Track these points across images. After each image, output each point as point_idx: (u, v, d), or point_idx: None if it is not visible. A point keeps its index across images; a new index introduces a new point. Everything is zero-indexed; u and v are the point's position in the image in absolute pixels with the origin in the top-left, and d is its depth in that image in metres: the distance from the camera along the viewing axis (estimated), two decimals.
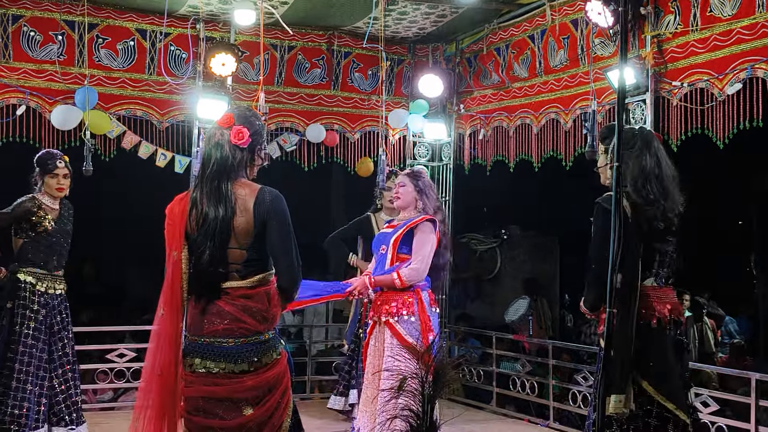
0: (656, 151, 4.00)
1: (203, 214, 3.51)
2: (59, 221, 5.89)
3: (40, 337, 5.71)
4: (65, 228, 5.94)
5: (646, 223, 3.89)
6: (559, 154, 7.36)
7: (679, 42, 6.12)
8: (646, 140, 4.00)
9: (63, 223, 5.92)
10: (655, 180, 3.94)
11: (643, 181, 3.92)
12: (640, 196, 3.90)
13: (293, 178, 8.55)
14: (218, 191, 3.52)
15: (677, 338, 3.98)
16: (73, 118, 7.16)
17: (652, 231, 3.91)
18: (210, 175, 3.55)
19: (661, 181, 3.95)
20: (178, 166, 7.69)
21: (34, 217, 5.74)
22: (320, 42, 8.39)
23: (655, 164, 3.96)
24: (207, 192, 3.53)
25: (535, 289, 10.65)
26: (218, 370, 3.51)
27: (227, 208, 3.50)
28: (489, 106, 8.28)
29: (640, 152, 3.96)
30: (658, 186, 3.93)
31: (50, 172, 5.82)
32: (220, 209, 3.49)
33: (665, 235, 3.96)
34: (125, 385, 7.42)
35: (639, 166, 3.93)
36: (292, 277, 3.58)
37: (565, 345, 8.01)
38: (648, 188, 3.91)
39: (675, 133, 6.13)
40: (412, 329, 5.18)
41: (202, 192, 3.54)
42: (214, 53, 7.35)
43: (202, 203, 3.52)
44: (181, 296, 3.55)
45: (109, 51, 7.52)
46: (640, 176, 3.92)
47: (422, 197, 5.40)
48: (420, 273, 5.19)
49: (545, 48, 7.44)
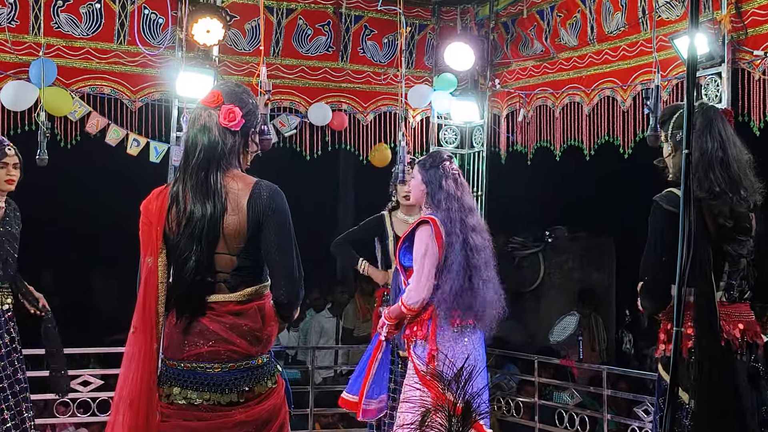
0: (720, 131, 3.97)
1: (187, 213, 3.51)
2: (4, 223, 5.83)
3: None
4: (11, 230, 5.89)
5: (712, 222, 3.86)
6: (616, 139, 7.35)
7: (762, 2, 6.09)
8: (707, 118, 3.98)
9: (9, 225, 5.88)
10: (719, 166, 3.91)
11: (705, 170, 3.89)
12: (702, 188, 3.86)
13: (293, 169, 8.56)
14: (206, 184, 3.52)
15: (752, 365, 3.95)
16: (27, 97, 7.18)
17: (720, 231, 3.88)
18: (196, 164, 3.56)
19: (727, 168, 3.92)
20: (153, 154, 7.70)
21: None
22: (326, 4, 8.40)
23: (718, 147, 3.94)
24: (192, 185, 3.54)
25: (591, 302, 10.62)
26: (201, 401, 3.51)
27: (216, 204, 3.50)
28: (530, 81, 8.27)
29: (701, 134, 3.93)
30: (723, 174, 3.90)
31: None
32: (208, 206, 3.49)
33: (736, 235, 3.92)
34: (90, 419, 7.45)
35: (699, 151, 3.90)
36: (292, 291, 3.58)
37: (623, 371, 7.98)
38: (711, 178, 3.88)
39: (757, 113, 6.11)
40: (423, 356, 5.31)
41: (186, 185, 3.55)
42: (196, 18, 7.35)
43: (186, 199, 3.52)
44: (157, 311, 3.56)
45: (71, 16, 7.53)
46: (701, 163, 3.89)
47: (428, 188, 5.47)
48: (420, 291, 5.34)
49: (598, 10, 7.42)
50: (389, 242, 6.91)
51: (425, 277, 5.30)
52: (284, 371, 3.76)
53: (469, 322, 5.42)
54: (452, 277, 5.34)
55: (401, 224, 6.88)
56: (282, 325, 3.75)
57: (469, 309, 5.38)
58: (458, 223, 5.41)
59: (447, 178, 5.51)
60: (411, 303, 5.34)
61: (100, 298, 13.15)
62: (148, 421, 3.51)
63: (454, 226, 5.40)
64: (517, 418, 8.16)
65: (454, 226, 5.40)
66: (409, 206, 6.88)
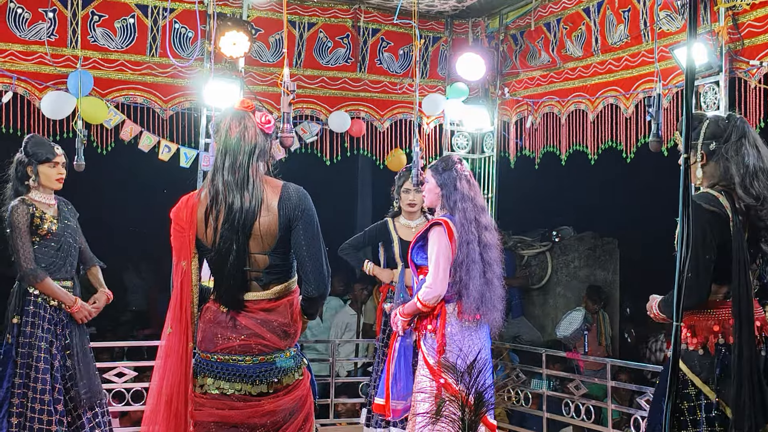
0: (755, 141, 3.99)
1: (227, 205, 3.54)
2: (61, 217, 5.83)
3: (52, 360, 5.67)
4: (70, 224, 5.87)
5: (757, 226, 3.91)
6: (619, 145, 7.34)
7: (759, 14, 6.08)
8: (740, 129, 3.99)
9: (66, 219, 5.86)
10: (762, 173, 3.93)
11: (751, 179, 3.91)
12: (750, 195, 3.90)
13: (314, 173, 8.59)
14: (246, 180, 3.56)
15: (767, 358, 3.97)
16: (65, 106, 7.24)
17: (760, 233, 3.93)
18: (235, 162, 3.59)
19: (766, 174, 3.95)
20: (183, 159, 7.74)
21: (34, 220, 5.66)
22: (344, 18, 8.42)
23: (757, 155, 3.96)
24: (230, 181, 3.56)
25: (600, 299, 10.62)
26: (233, 391, 3.56)
27: (252, 199, 3.53)
28: (538, 89, 8.28)
29: (739, 144, 3.95)
30: (765, 180, 3.93)
31: (48, 160, 5.74)
32: (246, 199, 3.53)
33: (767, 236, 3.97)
34: (124, 408, 7.47)
35: (742, 161, 3.92)
36: (321, 285, 3.62)
37: (625, 363, 7.98)
38: (756, 185, 3.91)
39: (753, 119, 6.09)
40: (433, 348, 5.34)
41: (224, 180, 3.57)
42: (224, 31, 7.39)
43: (225, 193, 3.55)
44: (192, 311, 3.61)
45: (106, 30, 7.59)
46: (747, 173, 3.91)
47: (443, 191, 5.50)
48: (436, 288, 5.35)
49: (602, 23, 7.42)
50: (394, 245, 6.97)
51: (441, 275, 5.33)
52: (310, 364, 3.79)
53: (476, 317, 5.44)
54: (473, 275, 5.37)
55: (404, 229, 6.99)
56: (306, 322, 3.78)
57: (483, 303, 5.41)
58: (473, 222, 5.44)
59: (461, 180, 5.53)
60: (427, 299, 5.36)
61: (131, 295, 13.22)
62: (185, 412, 3.56)
63: (471, 225, 5.42)
64: (526, 408, 8.17)
65: (471, 225, 5.42)
66: (411, 212, 6.99)
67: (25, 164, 5.75)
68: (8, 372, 5.63)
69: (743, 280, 3.81)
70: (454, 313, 5.40)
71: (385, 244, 7.09)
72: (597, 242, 11.34)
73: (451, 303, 5.41)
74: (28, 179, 5.76)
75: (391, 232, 7.03)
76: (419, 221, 6.98)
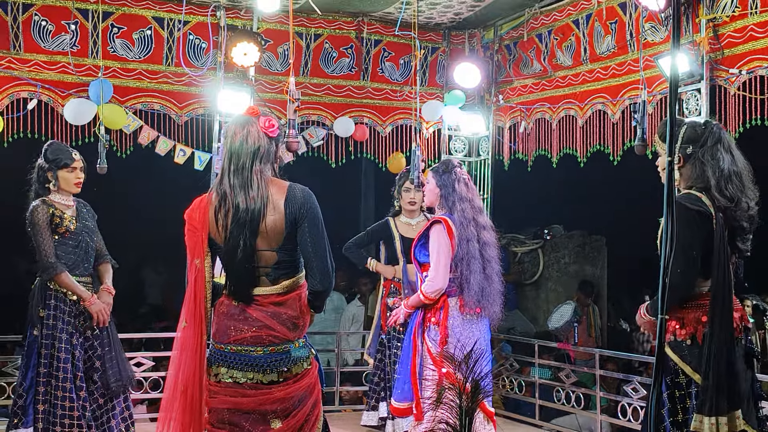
0: (729, 146, 4.01)
1: (234, 205, 3.56)
2: (80, 218, 5.84)
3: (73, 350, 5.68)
4: (88, 224, 5.88)
5: (733, 226, 3.93)
6: (606, 148, 7.35)
7: (737, 26, 6.09)
8: (716, 135, 4.00)
9: (85, 219, 5.87)
10: (735, 177, 3.95)
11: (725, 181, 3.93)
12: (724, 196, 3.91)
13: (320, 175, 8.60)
14: (250, 182, 3.57)
15: (748, 347, 3.98)
16: (86, 113, 7.27)
17: (736, 232, 3.94)
18: (240, 165, 3.60)
19: (739, 178, 3.96)
20: (198, 162, 7.77)
21: (53, 219, 5.68)
22: (348, 29, 8.43)
23: (731, 160, 3.97)
24: (235, 183, 3.58)
25: (591, 293, 10.63)
26: (245, 380, 3.57)
27: (257, 199, 3.54)
28: (530, 96, 8.28)
29: (714, 149, 3.96)
30: (739, 184, 3.95)
31: (67, 166, 5.75)
32: (251, 199, 3.54)
33: (744, 234, 3.98)
34: (143, 395, 7.49)
35: (718, 165, 3.94)
36: (326, 280, 3.63)
37: (614, 354, 7.99)
38: (731, 188, 3.92)
39: (733, 125, 6.10)
40: (436, 340, 5.37)
41: (230, 182, 3.59)
42: (235, 42, 7.40)
43: (231, 194, 3.57)
44: (206, 306, 3.62)
45: (125, 41, 7.61)
46: (721, 176, 3.93)
47: (442, 192, 5.52)
48: (437, 282, 5.39)
49: (591, 34, 7.42)
50: (396, 243, 6.98)
51: (442, 270, 5.37)
52: (317, 354, 3.80)
53: (477, 311, 5.47)
54: (474, 269, 5.40)
55: (405, 227, 7.02)
56: (313, 315, 3.79)
57: (483, 297, 5.43)
58: (472, 221, 5.47)
59: (459, 182, 5.55)
60: (429, 292, 5.41)
61: (148, 290, 13.23)
62: (200, 399, 3.58)
63: (469, 225, 5.45)
64: (519, 395, 8.17)
65: (469, 225, 5.45)
66: (411, 210, 7.01)
67: (46, 170, 5.75)
68: (32, 362, 5.66)
69: (724, 273, 3.82)
70: (456, 307, 5.45)
71: (386, 242, 7.11)
72: (586, 240, 11.36)
73: (454, 297, 5.46)
74: (48, 183, 5.76)
75: (392, 230, 7.05)
76: (419, 219, 7.00)
